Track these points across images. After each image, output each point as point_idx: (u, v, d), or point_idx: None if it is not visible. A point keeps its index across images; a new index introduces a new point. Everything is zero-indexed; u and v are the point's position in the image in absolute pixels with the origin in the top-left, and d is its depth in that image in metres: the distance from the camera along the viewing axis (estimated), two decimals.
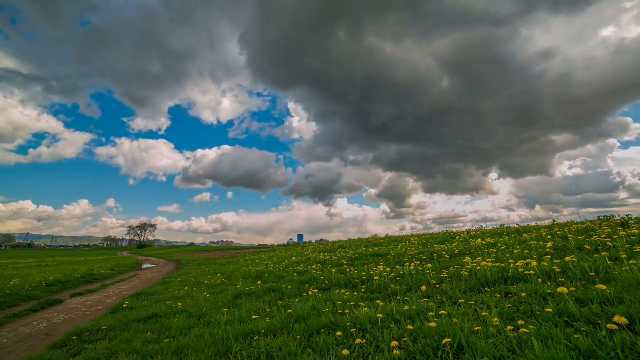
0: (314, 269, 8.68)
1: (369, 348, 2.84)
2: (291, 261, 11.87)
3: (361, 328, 3.34)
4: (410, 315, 3.45)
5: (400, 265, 6.83)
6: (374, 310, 3.71)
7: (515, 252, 5.91)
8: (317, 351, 3.00)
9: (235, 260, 20.56)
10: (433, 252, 7.97)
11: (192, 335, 4.08)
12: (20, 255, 61.54)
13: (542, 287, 3.49)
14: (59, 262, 28.07)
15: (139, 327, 5.02)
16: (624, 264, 3.61)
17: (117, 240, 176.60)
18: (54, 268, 20.71)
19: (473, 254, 6.56)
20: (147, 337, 4.34)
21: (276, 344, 3.24)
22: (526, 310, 3.02)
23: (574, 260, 4.05)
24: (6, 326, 6.16)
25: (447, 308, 3.40)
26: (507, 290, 3.73)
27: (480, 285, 4.19)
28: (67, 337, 4.81)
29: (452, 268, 5.47)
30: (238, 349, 3.32)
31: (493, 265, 4.63)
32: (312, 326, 3.59)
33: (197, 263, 22.38)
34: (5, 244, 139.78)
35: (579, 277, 3.63)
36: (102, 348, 4.06)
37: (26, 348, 4.72)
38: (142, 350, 3.82)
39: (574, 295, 3.00)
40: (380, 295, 4.82)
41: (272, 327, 3.86)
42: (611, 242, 5.02)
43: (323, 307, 4.28)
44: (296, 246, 32.10)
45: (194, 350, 3.53)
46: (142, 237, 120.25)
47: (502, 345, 2.40)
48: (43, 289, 10.32)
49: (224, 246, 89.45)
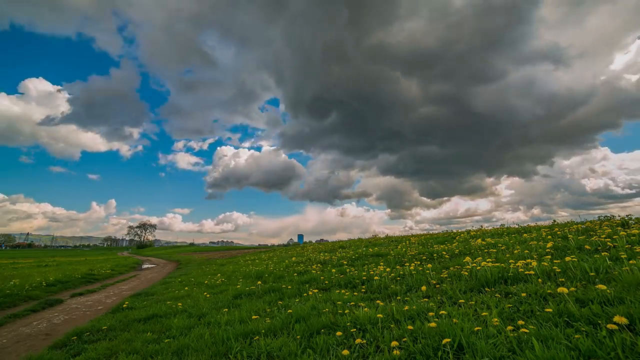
0: (314, 269, 8.68)
1: (369, 348, 2.84)
2: (291, 261, 11.87)
3: (361, 328, 3.33)
4: (410, 315, 3.45)
5: (400, 265, 6.83)
6: (374, 310, 3.71)
7: (515, 252, 5.91)
8: (317, 351, 3.00)
9: (235, 260, 20.56)
10: (433, 252, 7.97)
11: (192, 335, 4.08)
12: (20, 255, 61.53)
13: (542, 287, 3.49)
14: (59, 262, 28.06)
15: (139, 327, 5.02)
16: (624, 264, 3.61)
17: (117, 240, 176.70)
18: (54, 268, 20.71)
19: (473, 254, 6.56)
20: (147, 337, 4.33)
21: (276, 344, 3.24)
22: (526, 310, 3.02)
23: (574, 260, 4.05)
24: (6, 326, 6.16)
25: (447, 308, 3.40)
26: (507, 290, 3.73)
27: (480, 285, 4.19)
28: (67, 337, 4.81)
29: (452, 268, 5.47)
30: (238, 349, 3.32)
31: (493, 265, 4.63)
32: (312, 326, 3.59)
33: (197, 263, 22.38)
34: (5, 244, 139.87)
35: (579, 277, 3.63)
36: (102, 348, 4.06)
37: (26, 348, 4.72)
38: (142, 350, 3.82)
39: (574, 295, 3.00)
40: (380, 295, 4.82)
41: (272, 327, 3.86)
42: (611, 242, 5.02)
43: (323, 307, 4.28)
44: (296, 246, 32.11)
45: (194, 350, 3.52)
46: (142, 237, 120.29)
47: (502, 345, 2.40)
48: (43, 289, 10.31)
49: (224, 246, 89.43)
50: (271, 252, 23.23)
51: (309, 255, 13.53)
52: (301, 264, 10.35)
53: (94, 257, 41.36)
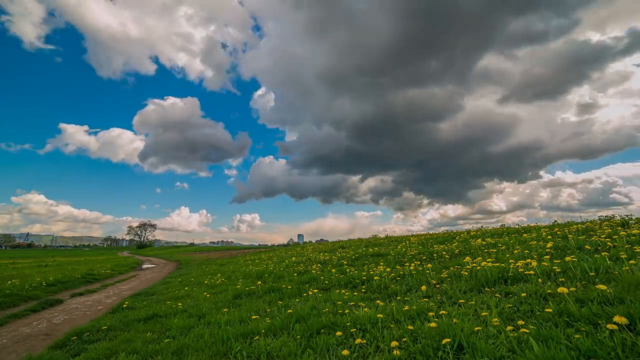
0: (314, 269, 8.68)
1: (369, 348, 2.84)
2: (291, 261, 11.87)
3: (361, 328, 3.33)
4: (410, 315, 3.45)
5: (400, 265, 6.83)
6: (374, 310, 3.71)
7: (515, 252, 5.90)
8: (317, 351, 3.00)
9: (235, 260, 20.55)
10: (433, 252, 7.96)
11: (192, 335, 4.08)
12: (20, 255, 61.48)
13: (542, 287, 3.49)
14: (59, 262, 28.03)
15: (139, 327, 5.02)
16: (624, 264, 3.61)
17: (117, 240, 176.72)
18: (54, 268, 20.68)
19: (473, 254, 6.55)
20: (147, 337, 4.33)
21: (276, 344, 3.24)
22: (526, 310, 3.02)
23: (574, 260, 4.05)
24: (6, 326, 6.16)
25: (447, 308, 3.40)
26: (507, 290, 3.73)
27: (480, 285, 4.18)
28: (67, 337, 4.81)
29: (452, 268, 5.47)
30: (238, 349, 3.32)
31: (493, 265, 4.63)
32: (312, 326, 3.59)
33: (197, 263, 22.39)
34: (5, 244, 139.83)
35: (579, 277, 3.63)
36: (102, 348, 4.06)
37: (26, 348, 4.72)
38: (142, 350, 3.82)
39: (574, 295, 3.00)
40: (380, 295, 4.82)
41: (272, 327, 3.86)
42: (611, 242, 5.01)
43: (323, 307, 4.28)
44: (296, 246, 32.09)
45: (194, 350, 3.52)
46: (142, 237, 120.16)
47: (502, 345, 2.40)
48: (43, 289, 10.30)
49: (224, 246, 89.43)
50: (271, 252, 23.22)
51: (309, 255, 13.53)
52: (301, 264, 10.35)
53: (94, 257, 41.34)
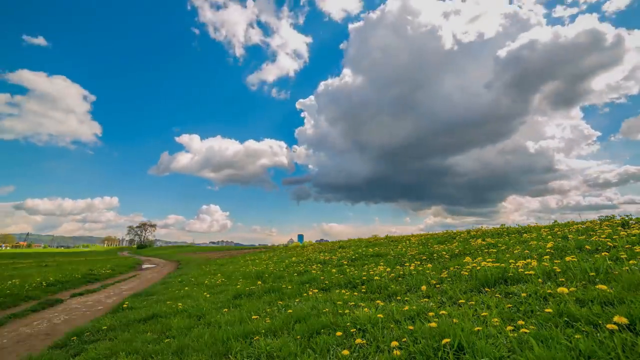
0: (314, 269, 8.68)
1: (369, 348, 2.84)
2: (291, 261, 11.87)
3: (361, 328, 3.33)
4: (411, 316, 3.44)
5: (400, 265, 6.83)
6: (374, 311, 3.71)
7: (515, 252, 5.90)
8: (317, 351, 2.99)
9: (235, 260, 20.54)
10: (433, 252, 7.96)
11: (192, 335, 4.07)
12: (20, 255, 61.46)
13: (542, 287, 3.49)
14: (59, 262, 28.04)
15: (139, 327, 5.02)
16: (624, 264, 3.61)
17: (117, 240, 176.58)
18: (54, 268, 20.69)
19: (473, 254, 6.56)
20: (147, 337, 4.33)
21: (276, 344, 3.24)
22: (526, 310, 3.01)
23: (574, 260, 4.05)
24: (6, 326, 6.16)
25: (447, 308, 3.40)
26: (507, 290, 3.73)
27: (480, 285, 4.18)
28: (67, 337, 4.82)
29: (452, 268, 5.46)
30: (238, 349, 3.32)
31: (493, 265, 4.63)
32: (312, 326, 3.58)
33: (197, 263, 22.38)
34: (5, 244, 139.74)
35: (579, 277, 3.62)
36: (102, 348, 4.06)
37: (26, 348, 4.72)
38: (142, 350, 3.81)
39: (574, 295, 3.00)
40: (381, 295, 4.82)
41: (272, 327, 3.86)
42: (611, 242, 5.01)
43: (323, 307, 4.27)
44: (296, 246, 32.07)
45: (194, 350, 3.52)
46: (142, 237, 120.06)
47: (502, 345, 2.40)
48: (43, 289, 10.31)
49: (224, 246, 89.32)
50: (271, 252, 23.21)
51: (309, 255, 13.53)
52: (301, 264, 10.35)
53: (94, 257, 41.33)
